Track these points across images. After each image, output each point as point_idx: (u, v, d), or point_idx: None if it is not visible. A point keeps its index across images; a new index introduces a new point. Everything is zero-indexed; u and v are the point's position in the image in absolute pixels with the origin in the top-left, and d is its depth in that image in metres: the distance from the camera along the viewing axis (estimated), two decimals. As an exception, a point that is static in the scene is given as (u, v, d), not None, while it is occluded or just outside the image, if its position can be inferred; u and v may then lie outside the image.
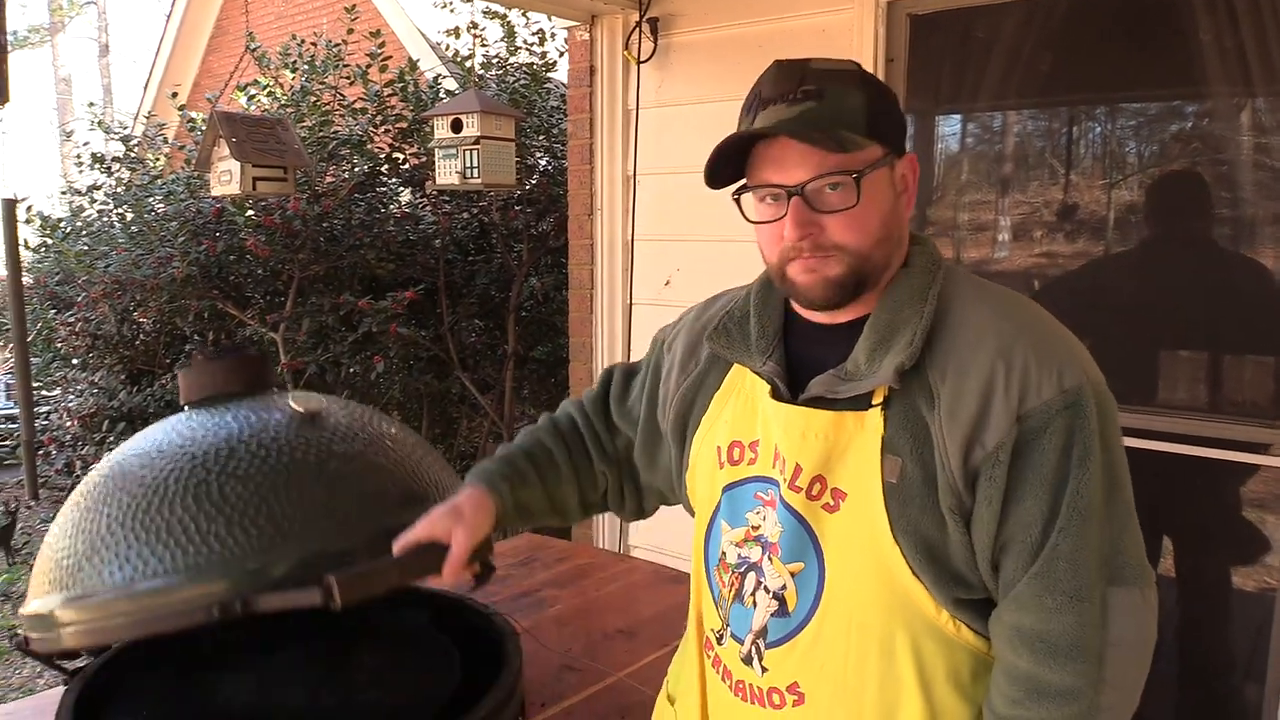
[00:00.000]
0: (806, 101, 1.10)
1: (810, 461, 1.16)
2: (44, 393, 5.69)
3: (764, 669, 1.22)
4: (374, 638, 1.74)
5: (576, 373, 3.46)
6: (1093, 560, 1.07)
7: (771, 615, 1.21)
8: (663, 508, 1.56)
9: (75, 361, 4.83)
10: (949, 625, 1.14)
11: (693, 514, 1.36)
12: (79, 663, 1.62)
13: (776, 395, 1.22)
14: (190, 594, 1.20)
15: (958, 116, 2.95)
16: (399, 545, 1.30)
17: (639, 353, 3.27)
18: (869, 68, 2.69)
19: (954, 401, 1.09)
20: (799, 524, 1.18)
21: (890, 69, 2.74)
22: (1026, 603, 1.08)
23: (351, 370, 4.13)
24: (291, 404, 1.42)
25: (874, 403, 1.13)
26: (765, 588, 1.21)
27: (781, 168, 1.12)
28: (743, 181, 1.18)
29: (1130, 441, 1.13)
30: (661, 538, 3.30)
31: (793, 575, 1.19)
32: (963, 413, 1.08)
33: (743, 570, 1.24)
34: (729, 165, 1.16)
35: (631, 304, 3.26)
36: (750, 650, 1.23)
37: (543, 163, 4.53)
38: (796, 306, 1.24)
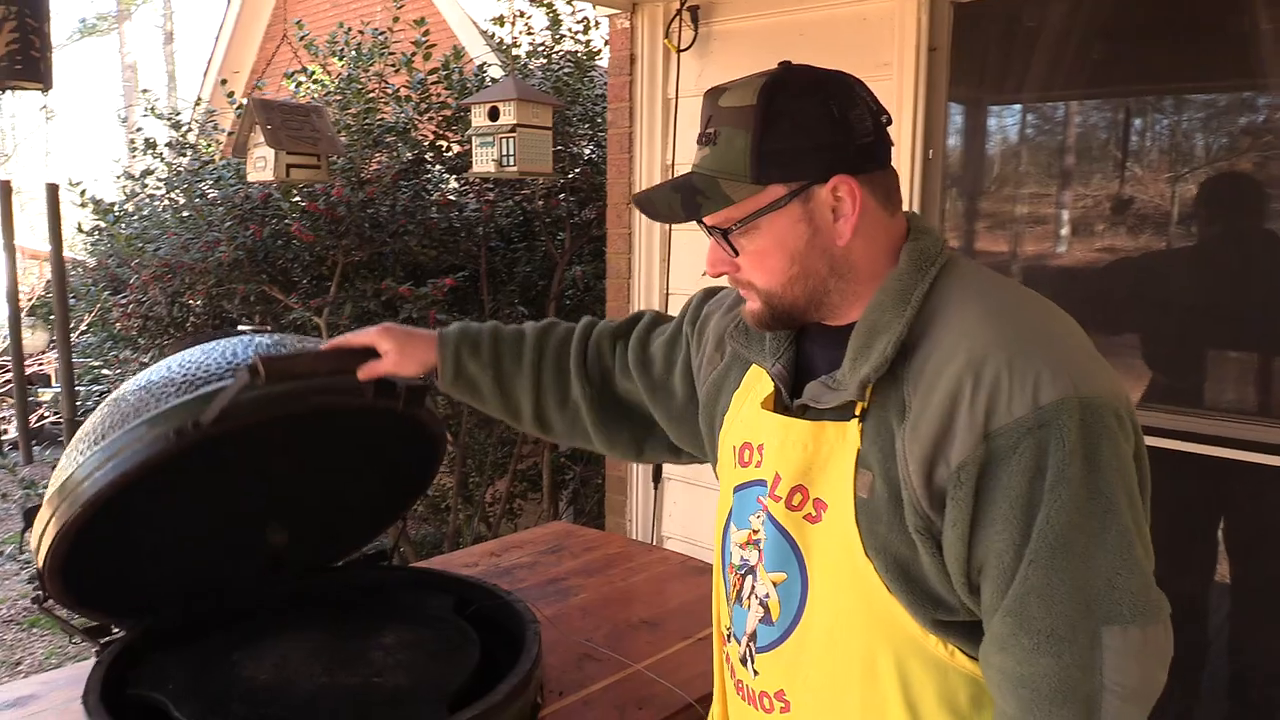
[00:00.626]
0: (705, 146, 1.12)
1: (788, 470, 1.16)
2: (104, 372, 5.83)
3: (755, 672, 1.22)
4: (395, 621, 1.76)
5: (613, 362, 3.46)
6: (1072, 596, 0.98)
7: (759, 621, 1.21)
8: (698, 498, 1.57)
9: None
10: (939, 648, 1.09)
11: None
12: (94, 642, 1.66)
13: (778, 398, 1.22)
14: (151, 433, 1.42)
15: (1003, 107, 2.89)
16: (330, 344, 1.49)
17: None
18: (910, 57, 2.67)
19: (919, 416, 1.04)
20: (779, 533, 1.17)
21: (933, 58, 2.69)
22: (1005, 642, 1.01)
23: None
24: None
25: (855, 413, 1.10)
26: (755, 593, 1.21)
27: None
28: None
29: (1183, 446, 1.07)
30: (695, 528, 3.29)
31: (775, 585, 1.18)
32: (924, 428, 1.03)
33: (743, 572, 1.24)
34: None
35: (669, 293, 3.25)
36: (745, 652, 1.23)
37: (587, 151, 4.53)
38: None
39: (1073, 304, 1.14)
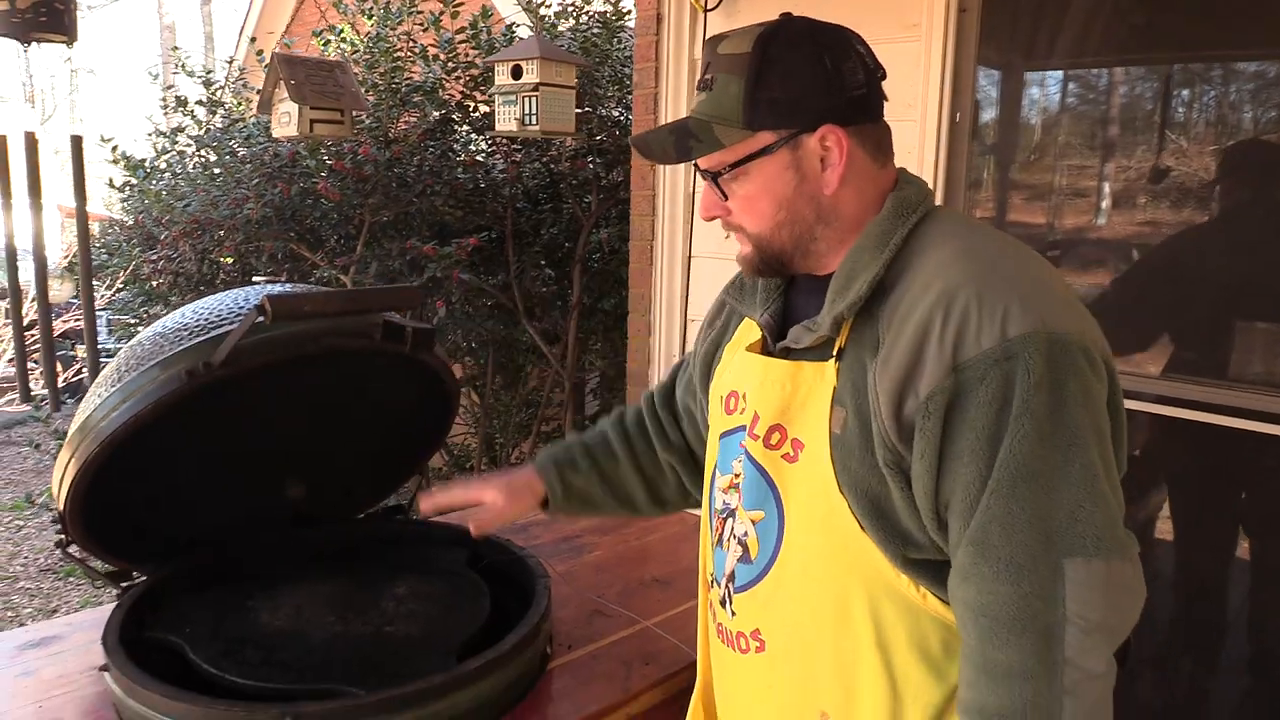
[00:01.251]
0: (703, 92, 1.16)
1: (767, 410, 1.19)
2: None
3: (733, 613, 1.25)
4: (409, 573, 1.79)
5: (635, 325, 3.46)
6: (1032, 525, 0.99)
7: (738, 561, 1.24)
8: None
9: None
10: (911, 590, 1.10)
11: None
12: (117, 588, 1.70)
13: (765, 345, 1.26)
14: (164, 375, 1.44)
15: (1035, 73, 2.83)
16: (429, 503, 1.52)
17: (696, 306, 3.27)
18: (939, 18, 2.62)
19: (890, 350, 1.06)
20: (757, 472, 1.20)
21: (963, 20, 2.63)
22: (967, 572, 1.03)
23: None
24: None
25: (832, 353, 1.13)
26: (734, 533, 1.24)
27: None
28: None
29: (1219, 419, 1.05)
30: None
31: (754, 523, 1.21)
32: (895, 361, 1.05)
33: (724, 515, 1.27)
34: None
35: (691, 256, 3.24)
36: (724, 593, 1.27)
37: (615, 113, 4.50)
38: None
39: (1103, 275, 1.13)
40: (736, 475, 1.25)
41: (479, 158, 4.39)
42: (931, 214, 1.16)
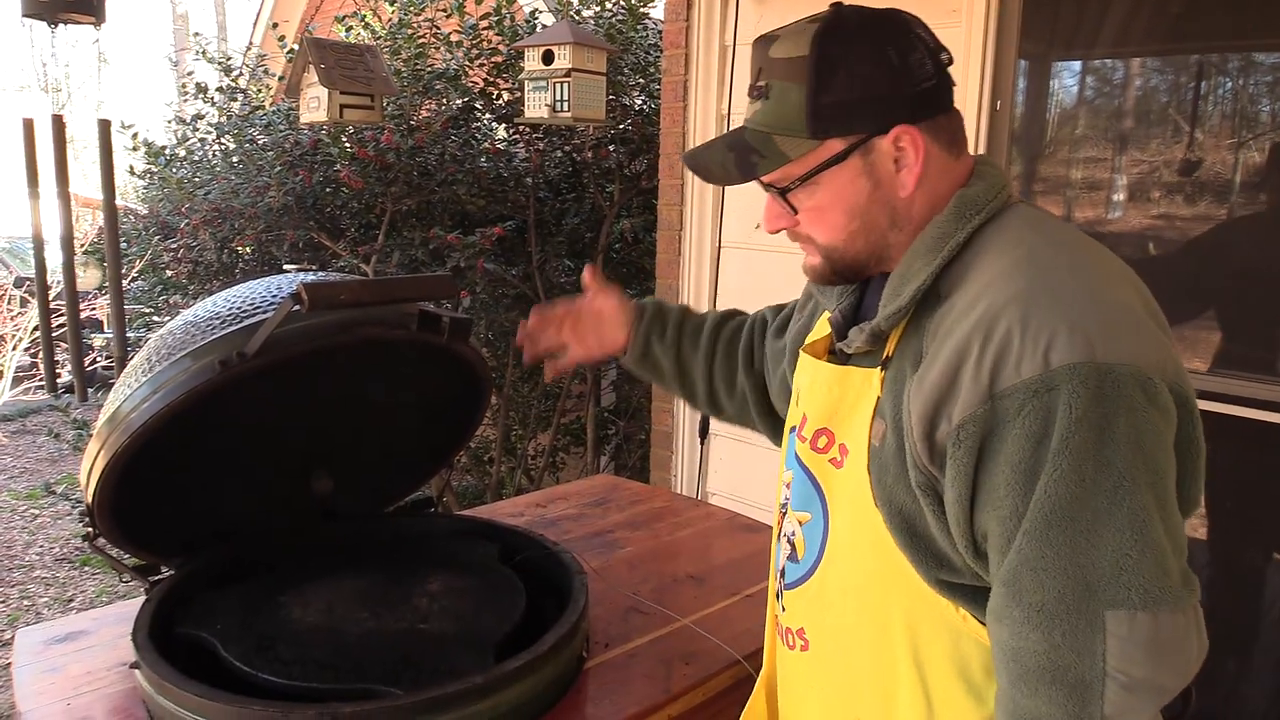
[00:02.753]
0: (758, 101, 1.08)
1: (815, 412, 1.16)
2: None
3: (784, 608, 1.24)
4: (441, 568, 1.75)
5: (662, 316, 3.41)
6: (1067, 572, 0.90)
7: (787, 559, 1.22)
8: (743, 454, 1.62)
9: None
10: (950, 612, 1.04)
11: None
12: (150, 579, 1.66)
13: (831, 343, 1.21)
14: (197, 365, 1.40)
15: (1077, 65, 2.77)
16: (531, 352, 1.60)
17: (726, 297, 3.22)
18: (980, 5, 2.56)
19: (927, 368, 0.99)
20: (804, 473, 1.17)
21: (1005, 7, 2.58)
22: (1000, 613, 0.96)
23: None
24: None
25: (880, 361, 1.08)
26: (785, 531, 1.23)
27: None
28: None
29: (1252, 413, 1.00)
30: (741, 485, 3.25)
31: (800, 524, 1.19)
32: (929, 381, 0.97)
33: (783, 510, 1.25)
34: None
35: (720, 247, 3.19)
36: (779, 586, 1.25)
37: (639, 102, 4.45)
38: None
39: (1143, 267, 1.07)
40: (789, 473, 1.23)
41: (501, 146, 4.34)
42: (1003, 213, 1.07)
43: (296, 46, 4.42)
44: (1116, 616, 0.89)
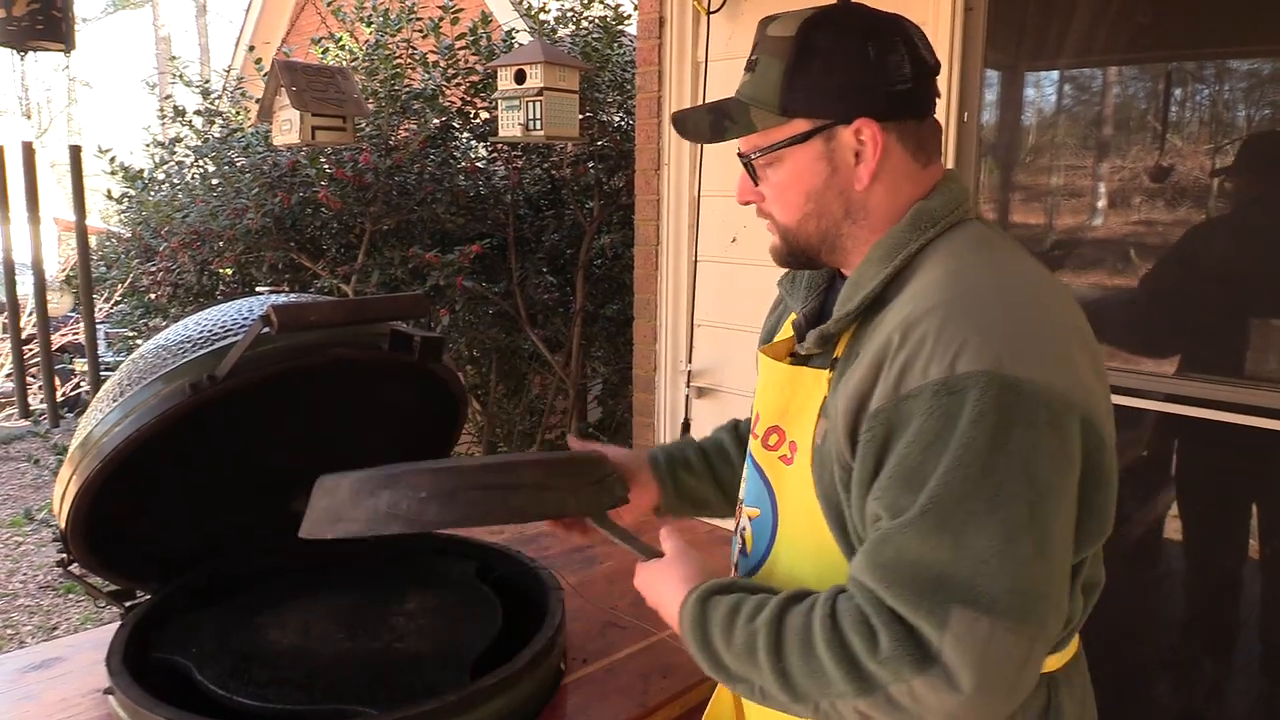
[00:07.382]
0: (747, 73, 1.14)
1: (767, 411, 1.20)
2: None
3: None
4: (418, 587, 1.75)
5: (641, 330, 3.42)
6: (927, 561, 0.91)
7: (739, 553, 1.27)
8: None
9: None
10: None
11: None
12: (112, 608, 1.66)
13: (793, 346, 1.25)
14: (168, 388, 1.40)
15: (1043, 73, 2.80)
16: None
17: (703, 310, 3.24)
18: (945, 17, 2.59)
19: (855, 368, 1.03)
20: (755, 470, 1.21)
21: (969, 19, 2.61)
22: (855, 574, 0.97)
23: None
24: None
25: (829, 363, 1.12)
26: (738, 526, 1.28)
27: None
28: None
29: (1226, 416, 1.01)
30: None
31: (750, 520, 1.23)
32: (854, 379, 1.01)
33: (740, 507, 1.30)
34: None
35: (697, 260, 3.20)
36: None
37: (616, 118, 4.47)
38: None
39: (1110, 275, 1.09)
40: (746, 470, 1.27)
41: (480, 164, 4.36)
42: (956, 227, 1.10)
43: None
44: (961, 614, 0.88)
